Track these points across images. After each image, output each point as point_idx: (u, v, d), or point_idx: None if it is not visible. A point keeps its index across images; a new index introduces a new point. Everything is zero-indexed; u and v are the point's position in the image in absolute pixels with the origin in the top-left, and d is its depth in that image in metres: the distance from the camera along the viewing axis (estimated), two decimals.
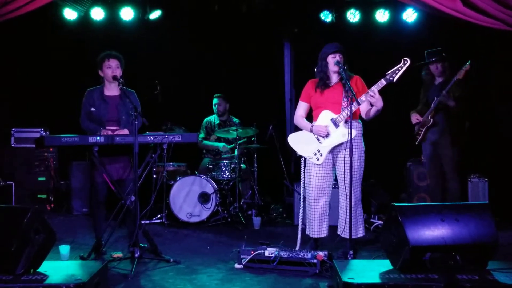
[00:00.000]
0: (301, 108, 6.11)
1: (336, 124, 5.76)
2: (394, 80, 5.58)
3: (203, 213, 7.92)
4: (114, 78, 5.90)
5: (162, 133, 5.90)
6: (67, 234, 7.10)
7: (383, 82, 5.59)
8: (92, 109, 5.97)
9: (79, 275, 4.30)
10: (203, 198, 7.93)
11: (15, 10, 6.18)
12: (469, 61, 6.75)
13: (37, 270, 4.47)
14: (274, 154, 8.65)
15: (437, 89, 7.06)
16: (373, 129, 6.32)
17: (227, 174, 8.25)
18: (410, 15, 8.85)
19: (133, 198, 5.69)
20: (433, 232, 4.44)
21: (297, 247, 5.95)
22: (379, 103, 5.63)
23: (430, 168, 7.40)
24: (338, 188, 6.03)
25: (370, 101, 5.62)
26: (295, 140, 6.06)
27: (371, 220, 7.75)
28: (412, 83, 6.27)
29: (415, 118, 7.23)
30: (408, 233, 4.38)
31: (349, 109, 5.56)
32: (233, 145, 8.40)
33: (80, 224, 7.97)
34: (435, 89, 7.11)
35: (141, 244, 5.75)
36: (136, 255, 5.48)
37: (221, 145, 8.72)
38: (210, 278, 5.20)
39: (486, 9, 6.12)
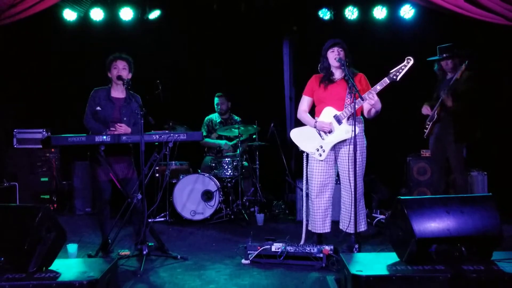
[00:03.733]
0: (305, 102, 6.16)
1: (339, 121, 5.81)
2: (397, 79, 5.62)
3: (206, 210, 7.98)
4: (119, 78, 5.95)
5: (167, 132, 5.94)
6: (73, 234, 7.12)
7: (386, 80, 5.63)
8: (98, 108, 6.02)
9: (91, 272, 4.33)
10: (206, 196, 7.99)
11: (21, 12, 6.25)
12: (466, 61, 6.81)
13: (49, 268, 4.51)
14: (275, 151, 8.72)
15: (447, 84, 7.11)
16: (373, 125, 6.37)
17: (230, 172, 8.30)
18: (407, 12, 8.90)
19: (140, 196, 5.74)
20: (439, 224, 4.49)
21: (302, 242, 6.00)
22: (377, 105, 5.73)
23: (433, 162, 7.48)
24: (339, 183, 6.09)
25: (369, 103, 5.68)
26: (297, 136, 6.10)
27: (373, 214, 7.83)
28: (412, 79, 6.32)
29: (425, 110, 7.27)
30: (414, 225, 4.43)
31: (352, 106, 5.62)
32: (235, 141, 8.42)
33: (84, 223, 8.01)
34: (445, 85, 7.14)
35: (150, 244, 5.82)
36: (144, 252, 5.53)
37: (222, 142, 8.77)
38: (219, 274, 5.27)
39: (487, 4, 6.20)
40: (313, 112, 6.14)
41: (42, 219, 4.48)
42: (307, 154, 6.05)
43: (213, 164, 8.41)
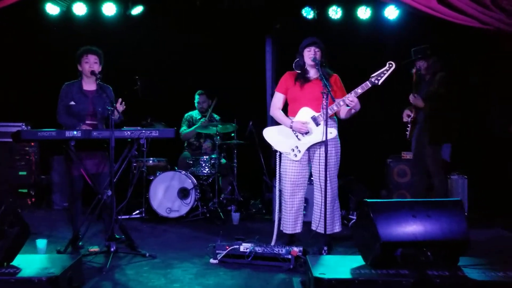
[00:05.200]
0: (278, 99, 6.10)
1: (317, 123, 5.77)
2: (379, 83, 5.61)
3: (182, 208, 7.94)
4: (92, 73, 5.93)
5: (139, 128, 5.90)
6: (46, 228, 7.10)
7: (368, 84, 5.61)
8: (72, 103, 5.98)
9: (52, 268, 4.29)
10: (183, 193, 7.95)
11: None
12: (431, 61, 6.87)
13: (11, 263, 4.46)
14: (253, 150, 8.66)
15: (426, 86, 7.09)
16: (353, 126, 6.34)
17: (207, 169, 8.27)
18: (391, 13, 8.83)
19: (109, 192, 5.69)
20: (405, 228, 4.46)
21: (273, 243, 5.96)
22: (357, 106, 5.68)
23: (414, 164, 7.47)
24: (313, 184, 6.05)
25: (349, 105, 5.64)
26: (271, 134, 6.04)
27: (350, 216, 7.78)
28: (394, 81, 6.28)
29: (406, 114, 7.26)
30: (379, 229, 4.40)
31: (330, 107, 5.58)
32: (215, 123, 8.34)
33: (60, 218, 7.96)
34: (424, 86, 7.14)
35: (116, 236, 5.77)
36: (112, 249, 5.49)
37: (199, 123, 8.69)
38: (185, 273, 5.22)
39: (461, 6, 6.18)
40: (285, 109, 6.09)
41: (4, 214, 4.44)
42: (280, 154, 6.00)
43: (191, 162, 8.37)
